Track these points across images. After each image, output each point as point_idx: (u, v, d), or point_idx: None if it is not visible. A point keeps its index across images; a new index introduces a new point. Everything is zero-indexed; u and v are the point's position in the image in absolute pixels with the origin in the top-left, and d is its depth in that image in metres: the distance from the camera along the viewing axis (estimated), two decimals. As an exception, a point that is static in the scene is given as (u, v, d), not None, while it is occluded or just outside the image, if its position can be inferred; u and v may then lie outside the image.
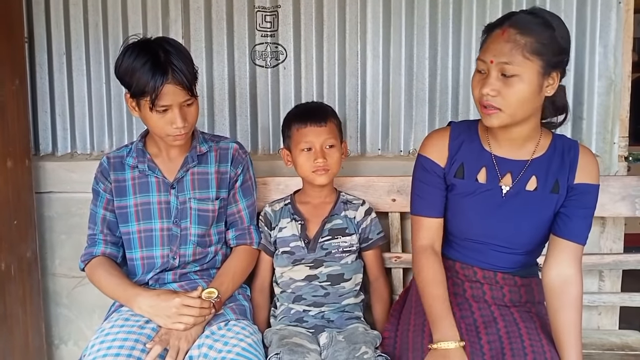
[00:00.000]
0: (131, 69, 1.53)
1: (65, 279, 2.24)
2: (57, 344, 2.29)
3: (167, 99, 1.53)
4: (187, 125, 1.59)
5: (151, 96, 1.51)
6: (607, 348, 1.82)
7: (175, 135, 1.59)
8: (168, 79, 1.52)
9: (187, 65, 1.56)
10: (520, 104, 1.35)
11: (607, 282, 2.00)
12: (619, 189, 1.85)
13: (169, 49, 1.55)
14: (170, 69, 1.52)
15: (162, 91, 1.51)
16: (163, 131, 1.59)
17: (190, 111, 1.60)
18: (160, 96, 1.52)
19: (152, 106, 1.53)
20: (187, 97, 1.57)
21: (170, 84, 1.52)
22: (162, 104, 1.54)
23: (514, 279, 1.53)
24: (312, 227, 1.78)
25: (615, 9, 1.96)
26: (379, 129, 2.12)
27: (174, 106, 1.55)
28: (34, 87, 2.21)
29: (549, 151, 1.48)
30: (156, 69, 1.51)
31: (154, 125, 1.59)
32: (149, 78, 1.50)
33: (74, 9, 2.17)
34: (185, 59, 1.56)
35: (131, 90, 1.56)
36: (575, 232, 1.45)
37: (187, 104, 1.59)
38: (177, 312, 1.49)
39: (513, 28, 1.33)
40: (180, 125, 1.56)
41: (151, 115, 1.56)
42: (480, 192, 1.49)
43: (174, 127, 1.57)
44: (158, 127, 1.59)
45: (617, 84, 1.99)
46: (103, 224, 1.71)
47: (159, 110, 1.55)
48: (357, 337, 1.60)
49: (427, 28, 2.05)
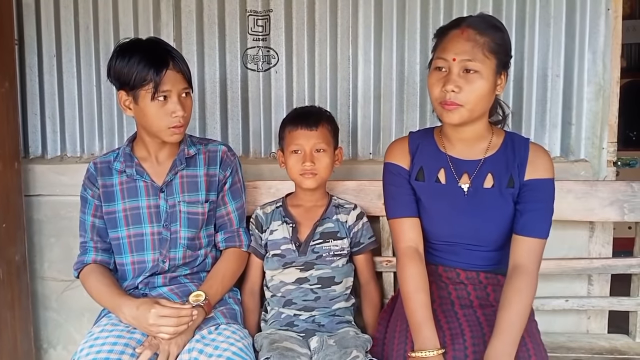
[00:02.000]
0: (128, 64, 1.57)
1: (54, 282, 2.22)
2: (46, 348, 2.27)
3: (168, 84, 1.57)
4: (185, 115, 1.61)
5: (154, 82, 1.55)
6: (596, 352, 1.83)
7: (174, 126, 1.60)
8: (169, 66, 1.58)
9: (180, 57, 1.63)
10: (479, 100, 1.42)
11: (596, 286, 2.02)
12: (608, 193, 1.86)
13: (163, 42, 1.65)
14: (169, 57, 1.59)
15: (165, 77, 1.56)
16: (162, 123, 1.60)
17: (187, 102, 1.63)
18: (162, 82, 1.56)
19: (154, 93, 1.56)
20: (186, 84, 1.61)
21: (172, 70, 1.58)
22: (164, 89, 1.57)
23: (496, 277, 1.55)
24: (304, 230, 1.78)
25: (604, 16, 1.98)
26: (371, 134, 2.12)
27: (173, 93, 1.58)
28: (24, 89, 2.20)
29: (501, 149, 1.53)
30: (157, 57, 1.57)
31: (152, 117, 1.60)
32: (151, 66, 1.55)
33: (64, 11, 2.17)
34: (175, 52, 1.64)
35: (129, 85, 1.58)
36: (528, 226, 1.47)
37: (185, 92, 1.62)
38: (156, 324, 1.48)
39: (472, 28, 1.41)
40: (180, 114, 1.59)
41: (150, 107, 1.58)
42: (442, 193, 1.53)
43: (173, 116, 1.59)
44: (157, 119, 1.60)
45: (606, 90, 2.01)
46: (93, 232, 1.71)
47: (159, 99, 1.57)
48: (348, 341, 1.60)
49: (418, 33, 2.06)
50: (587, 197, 1.87)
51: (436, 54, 1.45)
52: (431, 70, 1.46)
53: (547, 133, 2.06)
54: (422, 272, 1.51)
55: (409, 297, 1.48)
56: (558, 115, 2.05)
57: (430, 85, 1.45)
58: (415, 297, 1.47)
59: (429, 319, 1.45)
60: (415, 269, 1.50)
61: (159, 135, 1.64)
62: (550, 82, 2.04)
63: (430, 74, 1.46)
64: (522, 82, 2.04)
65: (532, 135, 2.03)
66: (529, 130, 2.05)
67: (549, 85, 2.04)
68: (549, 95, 2.04)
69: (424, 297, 1.47)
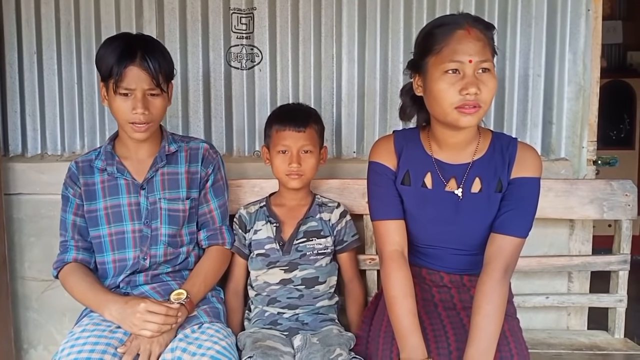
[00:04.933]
0: (104, 54, 1.57)
1: (34, 282, 2.19)
2: (26, 348, 2.24)
3: (130, 81, 1.55)
4: (148, 114, 1.58)
5: (115, 77, 1.54)
6: (576, 348, 1.85)
7: (134, 122, 1.59)
8: (134, 62, 1.55)
9: (160, 59, 1.59)
10: (491, 100, 1.38)
11: (575, 283, 2.05)
12: (588, 192, 1.89)
13: (144, 39, 1.62)
14: (138, 53, 1.56)
15: (126, 72, 1.54)
16: (124, 117, 1.59)
17: (154, 102, 1.60)
18: (123, 77, 1.55)
19: (115, 88, 1.55)
20: (152, 86, 1.58)
21: (136, 66, 1.55)
22: (125, 86, 1.56)
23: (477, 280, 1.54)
24: (287, 229, 1.78)
25: (585, 16, 2.01)
26: (355, 132, 2.13)
27: (137, 91, 1.56)
28: (4, 87, 2.17)
29: (489, 151, 1.49)
30: (124, 51, 1.56)
31: (116, 110, 1.60)
32: (116, 59, 1.54)
33: (45, 8, 2.14)
34: (158, 52, 1.61)
35: (101, 75, 1.59)
36: (505, 224, 1.43)
37: (152, 93, 1.59)
38: (142, 318, 1.47)
39: (475, 27, 1.36)
40: (139, 112, 1.56)
41: (114, 100, 1.58)
42: (428, 199, 1.50)
43: (133, 113, 1.57)
44: (120, 113, 1.59)
45: (587, 90, 2.04)
46: (74, 230, 1.69)
47: (121, 93, 1.56)
48: (332, 339, 1.60)
49: (401, 32, 2.07)
50: (567, 195, 1.89)
51: (443, 57, 1.34)
52: (440, 74, 1.35)
53: (528, 132, 2.08)
54: (407, 276, 1.47)
55: (395, 302, 1.44)
56: (539, 114, 2.07)
57: (442, 91, 1.35)
58: (401, 303, 1.43)
59: (416, 326, 1.41)
60: (401, 274, 1.46)
61: (124, 130, 1.64)
62: (531, 81, 2.06)
63: (439, 78, 1.35)
64: (504, 82, 2.06)
65: (513, 134, 2.05)
66: (510, 129, 2.07)
67: (530, 84, 2.06)
68: (530, 95, 2.06)
69: (410, 303, 1.44)
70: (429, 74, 1.39)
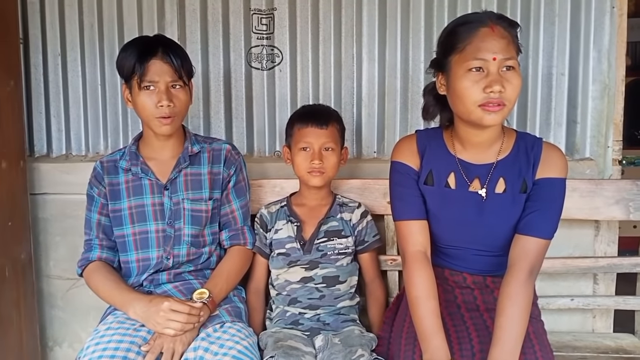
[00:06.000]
0: (124, 56, 1.61)
1: (59, 280, 2.23)
2: (51, 345, 2.28)
3: (153, 74, 1.59)
4: (172, 107, 1.61)
5: (139, 71, 1.57)
6: (602, 351, 1.83)
7: (160, 116, 1.61)
8: (156, 55, 1.59)
9: (180, 53, 1.64)
10: (516, 98, 1.36)
11: (601, 285, 2.01)
12: (613, 192, 1.86)
13: (163, 38, 1.67)
14: (159, 49, 1.60)
15: (148, 66, 1.58)
16: (149, 113, 1.61)
17: (178, 95, 1.63)
18: (146, 71, 1.58)
19: (139, 82, 1.58)
20: (175, 77, 1.61)
21: (158, 59, 1.59)
22: (149, 80, 1.59)
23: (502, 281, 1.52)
24: (308, 228, 1.78)
25: (609, 14, 1.98)
26: (375, 132, 2.12)
27: (160, 84, 1.59)
28: (29, 88, 2.21)
29: (513, 151, 1.47)
30: (145, 48, 1.60)
31: (141, 106, 1.62)
32: (138, 56, 1.59)
33: (69, 11, 2.17)
34: (177, 48, 1.65)
35: (124, 76, 1.62)
36: (529, 225, 1.42)
37: (175, 86, 1.62)
38: (166, 317, 1.49)
39: (499, 25, 1.34)
40: (164, 104, 1.59)
41: (139, 96, 1.60)
42: (452, 199, 1.48)
43: (159, 106, 1.59)
44: (145, 109, 1.61)
45: (611, 88, 2.00)
46: (98, 229, 1.72)
47: (146, 87, 1.59)
48: (353, 339, 1.60)
49: (422, 31, 2.05)
50: (592, 195, 1.86)
51: (466, 55, 1.33)
52: (463, 72, 1.34)
53: (552, 132, 2.05)
54: (430, 277, 1.45)
55: (418, 303, 1.43)
56: (563, 113, 2.04)
57: (465, 89, 1.33)
58: (424, 303, 1.42)
59: (439, 327, 1.39)
60: (424, 275, 1.44)
61: (150, 126, 1.66)
62: (555, 80, 2.03)
63: (462, 76, 1.34)
64: (527, 81, 2.03)
65: (536, 134, 2.03)
66: (533, 128, 2.04)
67: (553, 83, 2.03)
68: (554, 94, 2.04)
69: (434, 303, 1.42)
70: (452, 72, 1.38)
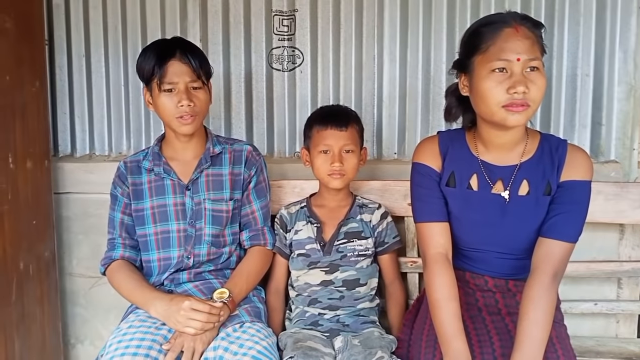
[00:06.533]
0: (143, 59, 1.64)
1: (82, 279, 2.26)
2: (73, 343, 2.31)
3: (172, 76, 1.60)
4: (193, 107, 1.62)
5: (158, 73, 1.59)
6: (626, 357, 1.80)
7: (181, 116, 1.62)
8: (174, 57, 1.61)
9: (198, 53, 1.66)
10: (541, 99, 1.34)
11: (625, 289, 1.98)
12: (639, 195, 1.82)
13: (181, 39, 1.69)
14: (177, 50, 1.62)
15: (167, 68, 1.60)
16: (170, 113, 1.63)
17: (197, 95, 1.64)
18: (166, 72, 1.60)
19: (159, 84, 1.60)
20: (194, 78, 1.63)
21: (177, 60, 1.61)
22: (168, 81, 1.60)
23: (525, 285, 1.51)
24: (328, 229, 1.78)
25: (636, 14, 1.94)
26: (396, 133, 2.11)
27: (180, 84, 1.61)
28: (54, 89, 2.25)
29: (537, 153, 1.46)
30: (164, 49, 1.63)
31: (162, 108, 1.64)
32: (156, 59, 1.61)
33: (93, 12, 2.20)
34: (195, 49, 1.67)
35: (144, 79, 1.65)
36: (553, 228, 1.40)
37: (194, 86, 1.64)
38: (186, 316, 1.50)
39: (524, 25, 1.33)
40: (185, 104, 1.61)
41: (159, 98, 1.62)
42: (474, 201, 1.47)
43: (179, 106, 1.61)
44: (166, 110, 1.63)
45: (637, 90, 1.96)
46: (121, 228, 1.74)
47: (166, 89, 1.61)
48: (373, 341, 1.60)
49: (444, 32, 2.04)
50: (617, 198, 1.83)
51: (490, 55, 1.32)
52: (487, 73, 1.33)
53: (576, 133, 2.02)
54: (452, 280, 1.44)
55: (439, 305, 1.42)
56: (587, 115, 2.01)
57: (489, 89, 1.32)
58: (445, 306, 1.41)
59: (460, 330, 1.38)
60: (446, 277, 1.44)
61: (171, 127, 1.68)
62: (579, 81, 2.00)
63: (486, 77, 1.33)
64: (551, 82, 2.00)
65: (560, 136, 1.99)
66: (557, 130, 2.02)
67: (578, 84, 2.00)
68: (579, 95, 2.01)
69: (455, 306, 1.41)
70: (475, 73, 1.37)
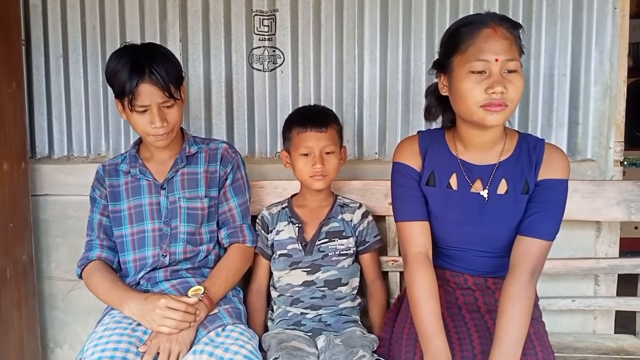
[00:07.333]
0: (114, 71, 1.59)
1: (60, 282, 2.23)
2: (52, 347, 2.28)
3: (144, 98, 1.57)
4: (166, 125, 1.61)
5: (128, 96, 1.56)
6: (603, 352, 1.82)
7: (155, 135, 1.62)
8: (144, 79, 1.56)
9: (167, 68, 1.59)
10: (519, 99, 1.35)
11: (602, 286, 2.01)
12: (615, 193, 1.86)
13: (150, 52, 1.61)
14: (147, 70, 1.56)
15: (138, 91, 1.56)
16: (144, 131, 1.63)
17: (170, 112, 1.63)
18: (137, 96, 1.57)
19: (130, 107, 1.58)
20: (165, 98, 1.59)
21: (147, 83, 1.56)
22: (140, 104, 1.58)
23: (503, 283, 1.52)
24: (309, 230, 1.78)
25: (611, 15, 1.97)
26: (376, 133, 2.12)
27: (152, 106, 1.59)
28: (31, 90, 2.21)
29: (515, 152, 1.47)
30: (133, 69, 1.56)
31: (135, 125, 1.63)
32: (127, 78, 1.55)
33: (71, 12, 2.18)
34: (166, 62, 1.60)
35: (114, 92, 1.62)
36: (531, 226, 1.42)
37: (166, 105, 1.61)
38: (161, 314, 1.49)
39: (502, 26, 1.34)
40: (158, 125, 1.60)
41: (132, 116, 1.61)
42: (453, 200, 1.48)
43: (152, 127, 1.60)
44: (139, 127, 1.63)
45: (613, 89, 2.00)
46: (99, 229, 1.73)
47: (138, 111, 1.59)
48: (355, 340, 1.60)
49: (424, 32, 2.06)
50: (593, 196, 1.86)
51: (469, 56, 1.34)
52: (465, 73, 1.34)
53: (553, 132, 2.05)
54: (432, 278, 1.46)
55: (419, 304, 1.43)
56: (565, 114, 2.04)
57: (467, 90, 1.34)
58: (425, 305, 1.42)
59: (441, 329, 1.40)
60: (426, 276, 1.45)
61: (146, 140, 1.68)
62: (557, 81, 2.03)
63: (465, 77, 1.34)
64: (529, 82, 2.03)
65: (538, 135, 2.03)
66: (535, 129, 2.04)
67: (555, 84, 2.03)
68: (556, 95, 2.04)
69: (435, 305, 1.42)
70: (454, 73, 1.38)
